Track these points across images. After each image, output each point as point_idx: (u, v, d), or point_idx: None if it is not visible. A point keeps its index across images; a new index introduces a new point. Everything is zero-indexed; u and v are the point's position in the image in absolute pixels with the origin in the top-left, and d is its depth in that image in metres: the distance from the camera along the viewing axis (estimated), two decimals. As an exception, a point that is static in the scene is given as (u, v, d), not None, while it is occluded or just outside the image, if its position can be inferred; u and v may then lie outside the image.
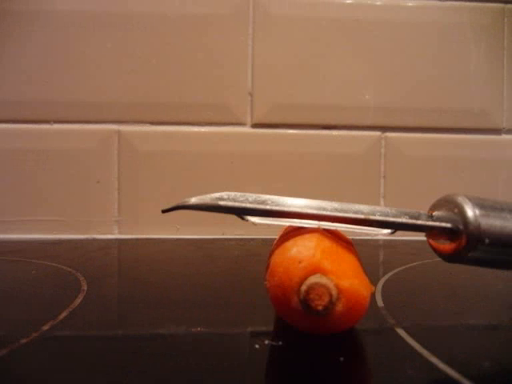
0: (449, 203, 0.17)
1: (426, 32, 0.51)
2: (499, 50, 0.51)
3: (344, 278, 0.15)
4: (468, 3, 0.51)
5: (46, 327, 0.17)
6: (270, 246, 0.19)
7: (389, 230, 0.18)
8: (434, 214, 0.17)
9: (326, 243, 0.16)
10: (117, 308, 0.21)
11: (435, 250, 0.17)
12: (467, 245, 0.15)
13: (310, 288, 0.14)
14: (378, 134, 0.51)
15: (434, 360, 0.14)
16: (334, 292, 0.14)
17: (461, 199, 0.16)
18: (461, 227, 0.15)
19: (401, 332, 0.17)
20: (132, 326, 0.18)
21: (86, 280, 0.24)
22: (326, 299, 0.14)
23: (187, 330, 0.17)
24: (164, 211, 0.20)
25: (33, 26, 0.48)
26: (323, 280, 0.14)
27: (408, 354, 0.15)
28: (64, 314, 0.18)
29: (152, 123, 0.49)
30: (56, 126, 0.49)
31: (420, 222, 0.17)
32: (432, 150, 0.51)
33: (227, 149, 0.50)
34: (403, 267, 0.30)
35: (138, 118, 0.49)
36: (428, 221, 0.17)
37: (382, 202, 0.51)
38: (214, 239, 0.46)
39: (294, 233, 0.18)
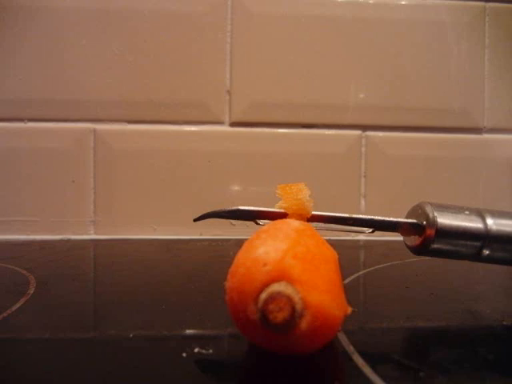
0: (415, 209, 0.21)
1: (406, 30, 0.50)
2: (480, 48, 0.51)
3: (314, 291, 0.13)
4: (449, 1, 0.50)
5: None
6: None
7: (370, 229, 0.21)
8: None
9: (301, 248, 0.14)
10: (55, 312, 0.20)
11: (408, 246, 0.21)
12: (429, 236, 0.19)
13: (271, 297, 0.12)
14: (358, 132, 0.50)
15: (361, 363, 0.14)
16: (299, 306, 0.12)
17: (423, 204, 0.20)
18: (424, 223, 0.19)
19: (340, 335, 0.16)
20: (64, 329, 0.17)
21: (36, 283, 0.23)
22: (286, 313, 0.12)
23: (119, 334, 0.16)
24: (195, 220, 0.22)
25: (3, 23, 0.47)
26: (288, 290, 0.12)
27: (342, 358, 0.14)
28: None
29: (128, 122, 0.49)
30: (30, 125, 0.48)
31: (393, 219, 0.20)
32: (413, 149, 0.51)
33: (205, 148, 0.49)
34: (370, 269, 0.29)
35: (113, 116, 0.48)
36: (399, 219, 0.20)
37: (362, 202, 0.51)
38: (189, 240, 0.45)
39: (269, 231, 0.15)
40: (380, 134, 0.51)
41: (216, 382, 0.13)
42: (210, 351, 0.15)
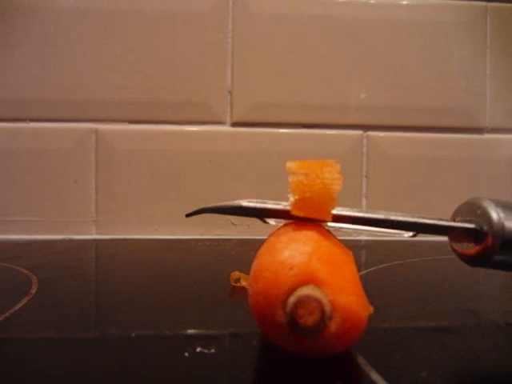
0: (471, 206, 0.16)
1: (408, 30, 0.50)
2: (482, 48, 0.51)
3: (341, 293, 0.13)
4: (450, 1, 0.50)
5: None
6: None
7: (410, 233, 0.17)
8: (456, 219, 0.17)
9: (325, 250, 0.14)
10: (57, 312, 0.20)
11: (458, 254, 0.17)
12: (492, 246, 0.15)
13: (300, 301, 0.12)
14: (359, 132, 0.50)
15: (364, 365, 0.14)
16: (328, 309, 0.12)
17: (483, 201, 0.16)
18: (485, 228, 0.15)
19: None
20: (66, 329, 0.17)
21: (38, 283, 0.23)
22: (317, 316, 0.12)
23: (121, 333, 0.16)
24: (188, 215, 0.19)
25: (6, 23, 0.47)
26: (316, 293, 0.12)
27: (344, 358, 0.14)
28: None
29: (130, 122, 0.49)
30: (32, 125, 0.48)
31: (443, 222, 0.16)
32: (414, 149, 0.51)
33: (206, 148, 0.49)
34: (371, 269, 0.29)
35: (115, 116, 0.49)
36: (450, 222, 0.16)
37: (364, 202, 0.51)
38: (190, 240, 0.45)
39: (288, 234, 0.15)
40: (381, 134, 0.50)
41: (218, 381, 0.13)
42: (212, 351, 0.15)
